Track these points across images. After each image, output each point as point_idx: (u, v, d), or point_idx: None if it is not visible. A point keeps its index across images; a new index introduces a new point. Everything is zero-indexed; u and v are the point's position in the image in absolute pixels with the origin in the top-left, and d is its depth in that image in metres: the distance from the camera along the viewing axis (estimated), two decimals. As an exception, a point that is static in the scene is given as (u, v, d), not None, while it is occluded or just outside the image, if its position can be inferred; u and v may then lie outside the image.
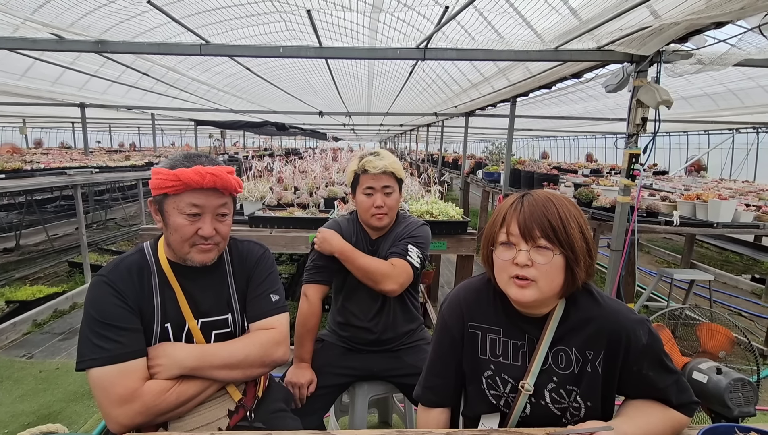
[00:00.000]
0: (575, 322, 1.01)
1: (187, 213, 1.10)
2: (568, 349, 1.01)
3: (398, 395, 2.09)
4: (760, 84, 5.70)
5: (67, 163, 5.52)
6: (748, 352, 1.95)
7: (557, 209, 0.96)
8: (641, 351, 0.97)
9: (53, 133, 18.52)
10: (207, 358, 1.11)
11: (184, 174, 1.07)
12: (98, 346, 1.02)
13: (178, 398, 1.06)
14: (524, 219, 0.95)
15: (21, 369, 3.26)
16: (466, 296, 1.12)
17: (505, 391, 1.05)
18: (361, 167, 1.68)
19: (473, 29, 3.57)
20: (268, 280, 1.28)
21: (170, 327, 1.14)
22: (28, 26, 3.00)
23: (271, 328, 1.22)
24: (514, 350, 1.05)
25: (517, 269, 0.95)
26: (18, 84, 5.75)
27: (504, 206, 1.01)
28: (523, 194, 1.01)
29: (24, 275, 5.54)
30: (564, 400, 1.01)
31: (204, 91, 7.60)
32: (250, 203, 3.20)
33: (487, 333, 1.07)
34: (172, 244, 1.15)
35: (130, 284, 1.11)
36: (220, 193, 1.14)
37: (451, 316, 1.12)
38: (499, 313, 1.07)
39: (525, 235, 0.95)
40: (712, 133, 10.24)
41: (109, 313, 1.06)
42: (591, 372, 0.99)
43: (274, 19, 4.01)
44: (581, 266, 0.96)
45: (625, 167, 2.87)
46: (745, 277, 5.82)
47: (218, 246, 1.18)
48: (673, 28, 2.31)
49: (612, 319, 0.99)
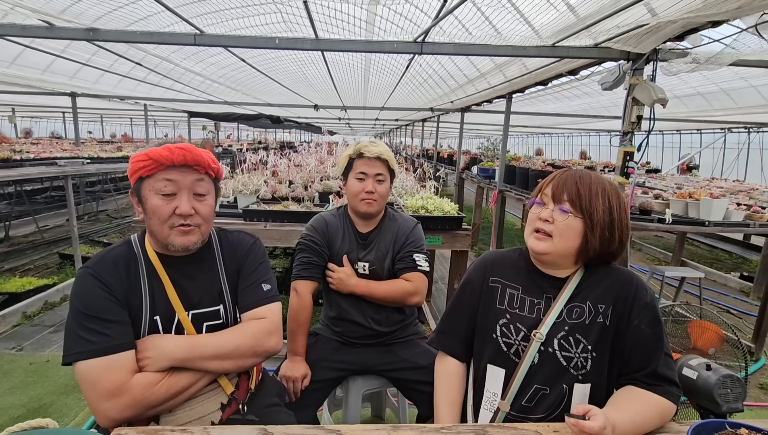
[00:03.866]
0: (592, 284, 1.13)
1: (162, 192, 1.09)
2: (582, 304, 1.11)
3: (392, 390, 2.10)
4: (752, 84, 5.75)
5: (58, 154, 5.45)
6: (736, 349, 1.98)
7: (591, 182, 1.10)
8: (643, 307, 1.08)
9: (43, 123, 18.23)
10: (197, 349, 1.09)
11: (155, 151, 1.07)
12: (85, 339, 1.01)
13: (168, 391, 1.05)
14: (558, 184, 1.11)
15: (11, 361, 3.22)
16: (493, 258, 1.26)
17: (517, 338, 1.13)
18: (356, 151, 1.71)
19: (471, 24, 3.55)
20: (259, 270, 1.26)
21: (159, 319, 1.12)
22: (18, 12, 2.93)
23: (263, 318, 1.20)
24: (530, 306, 1.15)
25: (539, 223, 1.11)
26: (7, 72, 5.62)
27: (551, 176, 1.17)
28: (573, 169, 1.16)
29: (13, 267, 5.46)
30: (571, 349, 1.08)
31: (198, 82, 7.50)
32: (245, 197, 3.18)
33: (507, 288, 1.19)
34: (153, 230, 1.13)
35: (117, 276, 1.10)
36: (194, 169, 1.12)
37: (475, 272, 1.25)
38: (522, 273, 1.19)
39: (554, 197, 1.11)
40: (704, 132, 10.33)
41: (96, 305, 1.04)
42: (601, 322, 1.09)
43: (271, 10, 3.95)
44: (596, 235, 1.07)
45: (619, 165, 2.89)
46: (734, 275, 5.91)
47: (200, 228, 1.15)
48: (670, 26, 2.31)
49: (624, 277, 1.12)
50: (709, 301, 5.01)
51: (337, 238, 1.75)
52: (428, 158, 11.73)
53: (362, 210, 1.70)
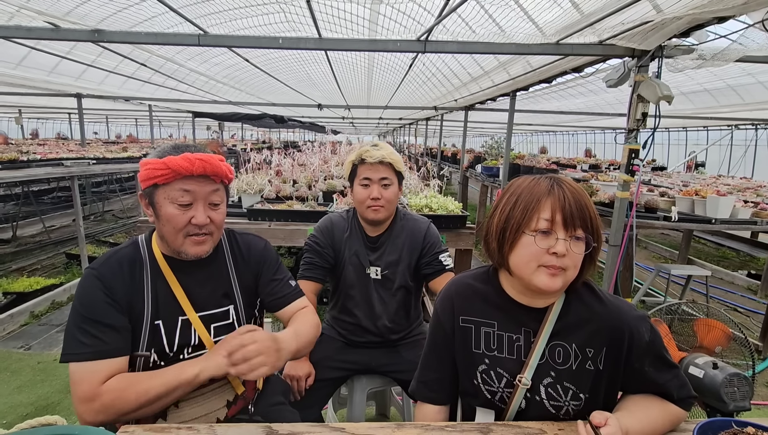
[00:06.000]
0: (575, 318, 1.00)
1: (179, 202, 1.08)
2: (567, 345, 0.99)
3: (396, 388, 2.11)
4: (759, 80, 5.69)
5: (64, 154, 5.49)
6: (743, 348, 1.96)
7: (588, 199, 0.95)
8: (644, 348, 0.96)
9: (49, 124, 18.39)
10: (300, 339, 1.18)
11: (173, 161, 1.05)
12: (79, 341, 1.01)
13: (138, 399, 1.00)
14: (570, 208, 0.91)
15: (19, 360, 3.26)
16: (458, 290, 1.10)
17: (500, 386, 1.03)
18: (358, 157, 1.66)
19: (474, 22, 3.54)
20: (281, 269, 1.33)
21: (162, 324, 1.11)
22: (24, 14, 2.96)
23: (305, 307, 1.32)
24: (509, 344, 1.02)
25: (552, 259, 0.91)
26: (13, 73, 5.68)
27: (538, 190, 0.94)
28: (552, 179, 0.97)
29: (21, 267, 5.52)
30: (560, 398, 0.99)
31: (202, 82, 7.54)
32: (249, 196, 3.19)
33: (481, 326, 1.05)
34: (166, 237, 1.11)
35: (121, 279, 1.09)
36: (211, 180, 1.11)
37: (443, 311, 1.10)
38: (494, 306, 1.05)
39: (567, 224, 0.91)
40: (711, 129, 10.24)
41: (94, 308, 1.04)
42: (592, 369, 0.98)
43: (274, 10, 3.96)
44: (597, 256, 0.96)
45: (624, 162, 2.87)
46: (741, 273, 5.86)
47: (212, 236, 1.15)
48: (675, 22, 2.29)
49: (614, 317, 0.98)
50: (716, 300, 4.97)
51: (343, 240, 1.73)
52: (432, 157, 11.72)
53: (369, 217, 1.65)
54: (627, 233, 2.95)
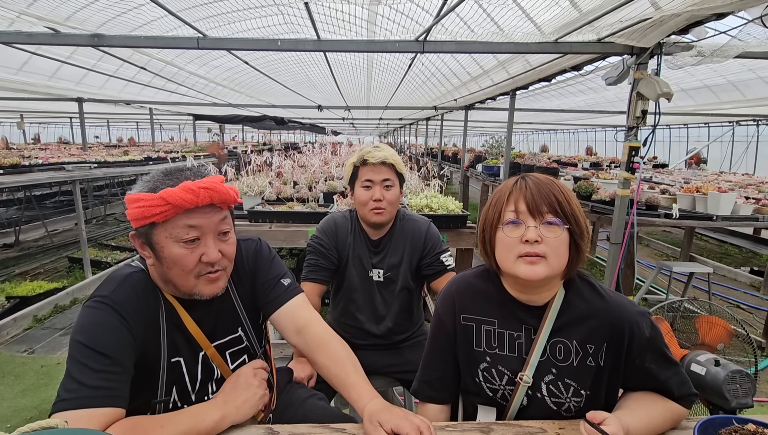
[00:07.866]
0: (575, 314, 1.00)
1: (184, 239, 0.92)
2: (567, 342, 1.00)
3: (398, 389, 2.11)
4: (760, 75, 5.68)
5: (66, 159, 5.51)
6: (746, 344, 1.96)
7: (558, 186, 0.98)
8: (644, 344, 0.97)
9: (51, 129, 18.46)
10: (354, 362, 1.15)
11: (173, 195, 0.88)
12: (78, 381, 0.86)
13: None
14: (532, 195, 0.95)
15: (22, 364, 3.27)
16: (459, 289, 1.11)
17: (501, 383, 1.03)
18: (360, 158, 1.65)
19: (473, 21, 3.54)
20: (273, 268, 1.18)
21: (183, 361, 1.01)
22: (24, 20, 2.97)
23: (304, 313, 1.20)
24: (510, 342, 1.03)
25: (526, 247, 0.94)
26: (14, 78, 5.71)
27: (505, 187, 1.01)
28: (521, 176, 1.02)
29: (24, 271, 5.54)
30: (561, 395, 1.00)
31: (202, 85, 7.56)
32: (249, 198, 3.19)
33: (482, 325, 1.06)
34: (174, 280, 0.96)
35: (138, 308, 0.94)
36: (217, 208, 0.96)
37: (444, 310, 1.11)
38: (494, 304, 1.06)
39: (533, 211, 0.95)
40: (712, 125, 10.21)
41: (104, 341, 0.87)
42: (593, 366, 0.99)
43: (272, 12, 3.97)
44: (585, 241, 0.97)
45: (624, 160, 2.86)
46: (744, 270, 5.84)
47: (225, 271, 1.02)
48: (673, 19, 2.29)
49: (615, 313, 0.98)
50: (719, 297, 4.95)
51: (347, 240, 1.72)
52: (432, 156, 11.72)
53: (372, 220, 1.63)
54: (628, 231, 2.94)
